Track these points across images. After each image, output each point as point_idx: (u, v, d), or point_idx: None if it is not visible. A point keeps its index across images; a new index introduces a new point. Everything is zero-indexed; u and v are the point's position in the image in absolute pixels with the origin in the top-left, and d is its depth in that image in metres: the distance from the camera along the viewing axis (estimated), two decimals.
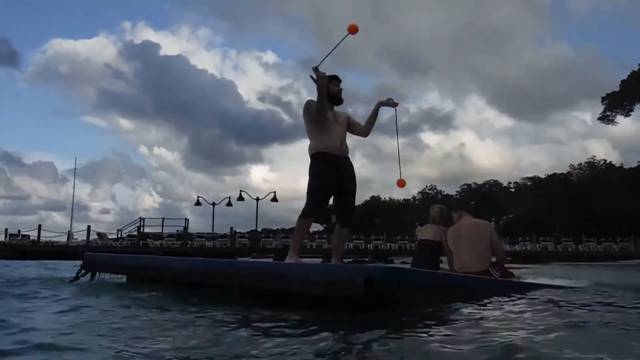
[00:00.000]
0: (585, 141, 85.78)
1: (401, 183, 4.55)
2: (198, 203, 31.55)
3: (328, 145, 4.27)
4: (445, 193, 78.54)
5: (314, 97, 4.28)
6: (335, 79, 4.42)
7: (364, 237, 31.12)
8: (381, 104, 4.55)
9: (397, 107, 4.52)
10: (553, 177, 59.32)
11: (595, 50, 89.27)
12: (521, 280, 5.05)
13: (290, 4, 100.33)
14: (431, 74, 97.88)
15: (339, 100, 4.47)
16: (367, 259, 28.52)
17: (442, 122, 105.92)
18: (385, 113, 4.81)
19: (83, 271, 5.47)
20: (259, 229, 39.09)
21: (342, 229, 4.40)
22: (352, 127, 4.57)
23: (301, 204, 4.52)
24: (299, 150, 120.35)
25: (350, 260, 28.60)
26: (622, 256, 29.21)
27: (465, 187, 79.04)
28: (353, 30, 4.03)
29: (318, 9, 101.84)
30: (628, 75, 47.16)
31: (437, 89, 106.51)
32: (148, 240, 27.53)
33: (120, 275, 5.47)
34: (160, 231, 29.42)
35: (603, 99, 48.19)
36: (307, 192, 4.29)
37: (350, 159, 4.44)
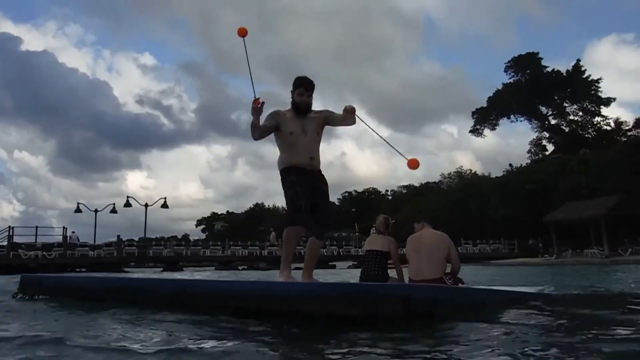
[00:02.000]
0: (453, 152, 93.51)
1: (413, 163, 3.99)
2: (78, 210, 28.88)
3: (296, 161, 4.10)
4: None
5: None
6: (303, 86, 4.18)
7: (259, 243, 30.72)
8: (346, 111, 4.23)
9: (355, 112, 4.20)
10: (427, 186, 63.60)
11: (462, 70, 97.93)
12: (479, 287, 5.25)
13: (174, 5, 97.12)
14: (315, 83, 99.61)
15: (301, 112, 4.17)
16: (261, 265, 28.19)
17: (324, 131, 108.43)
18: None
19: (20, 295, 4.93)
20: (137, 238, 37.06)
21: (316, 241, 4.17)
22: (331, 121, 4.33)
23: (183, 211, 4.23)
24: (179, 156, 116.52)
25: (243, 266, 28.15)
26: (495, 257, 32.01)
27: (347, 194, 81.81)
28: (242, 33, 4.26)
29: (204, 13, 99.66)
30: (494, 93, 52.39)
31: (319, 98, 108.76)
32: (20, 251, 24.59)
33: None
34: (33, 241, 26.42)
35: (473, 113, 52.95)
36: (288, 203, 4.06)
37: (322, 172, 4.27)
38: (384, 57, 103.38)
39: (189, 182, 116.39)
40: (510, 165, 49.60)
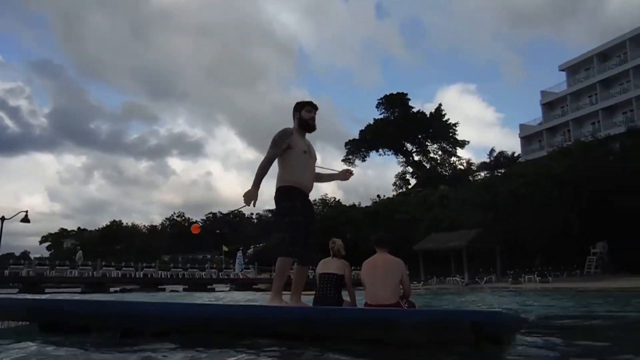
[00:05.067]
0: None
1: (195, 229, 4.69)
2: None
3: (301, 183, 4.12)
4: (193, 220, 77.81)
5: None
6: (310, 105, 4.30)
7: (134, 264, 28.71)
8: (341, 178, 4.59)
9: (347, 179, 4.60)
10: None
11: (328, 100, 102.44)
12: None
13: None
14: (185, 100, 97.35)
15: (311, 128, 4.31)
16: (136, 287, 26.25)
17: (191, 148, 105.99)
18: (134, 132, 4.93)
19: None
20: None
21: (303, 267, 4.23)
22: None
23: (23, 225, 4.14)
24: (24, 165, 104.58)
25: (123, 288, 25.79)
26: None
27: (211, 215, 79.93)
28: (195, 230, 4.46)
29: (68, 12, 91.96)
30: (365, 127, 55.66)
31: (189, 115, 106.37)
32: None
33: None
34: None
35: (346, 144, 55.67)
36: (284, 229, 4.04)
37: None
38: (258, 80, 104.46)
39: (33, 193, 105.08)
40: (378, 196, 52.78)
